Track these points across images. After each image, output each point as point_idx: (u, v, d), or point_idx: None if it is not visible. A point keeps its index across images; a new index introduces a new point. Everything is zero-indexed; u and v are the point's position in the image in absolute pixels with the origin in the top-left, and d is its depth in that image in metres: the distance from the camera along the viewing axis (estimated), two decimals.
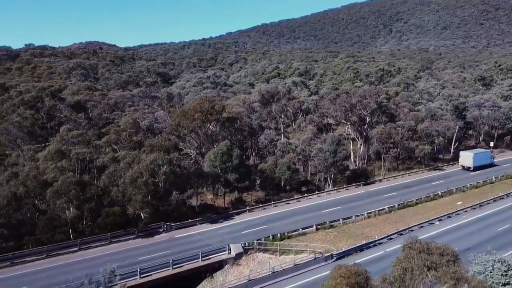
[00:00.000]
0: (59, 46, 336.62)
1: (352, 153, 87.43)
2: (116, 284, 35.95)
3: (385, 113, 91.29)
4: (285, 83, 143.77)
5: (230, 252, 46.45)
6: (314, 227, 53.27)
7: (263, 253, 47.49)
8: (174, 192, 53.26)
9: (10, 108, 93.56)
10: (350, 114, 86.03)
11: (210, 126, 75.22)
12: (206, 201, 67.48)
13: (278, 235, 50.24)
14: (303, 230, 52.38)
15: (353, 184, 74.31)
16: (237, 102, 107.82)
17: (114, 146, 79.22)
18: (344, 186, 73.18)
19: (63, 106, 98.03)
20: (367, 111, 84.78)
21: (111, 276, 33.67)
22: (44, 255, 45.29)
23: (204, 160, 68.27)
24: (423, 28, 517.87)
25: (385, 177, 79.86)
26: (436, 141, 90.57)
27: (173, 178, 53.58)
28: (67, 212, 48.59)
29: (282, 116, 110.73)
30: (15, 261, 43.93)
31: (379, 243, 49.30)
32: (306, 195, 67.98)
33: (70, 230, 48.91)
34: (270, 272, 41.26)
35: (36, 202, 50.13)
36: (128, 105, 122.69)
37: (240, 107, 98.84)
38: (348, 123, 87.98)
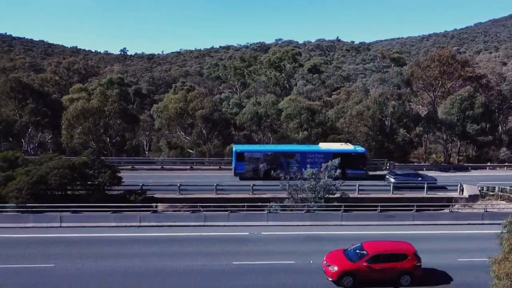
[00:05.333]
0: (303, 42, 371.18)
1: None
2: (336, 188, 36.15)
3: None
4: None
5: (462, 193, 40.47)
6: None
7: (507, 202, 39.35)
8: (401, 130, 50.18)
9: (260, 71, 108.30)
10: None
11: (448, 83, 67.46)
12: (432, 158, 61.26)
13: None
14: None
15: None
16: (482, 70, 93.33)
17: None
18: None
19: (300, 74, 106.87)
20: None
21: (333, 166, 34.18)
22: None
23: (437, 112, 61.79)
24: None
25: None
26: None
27: (401, 115, 50.46)
28: (296, 134, 52.42)
29: None
30: None
31: None
32: None
33: None
34: None
35: (272, 124, 56.06)
36: (360, 77, 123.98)
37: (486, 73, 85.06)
38: None
